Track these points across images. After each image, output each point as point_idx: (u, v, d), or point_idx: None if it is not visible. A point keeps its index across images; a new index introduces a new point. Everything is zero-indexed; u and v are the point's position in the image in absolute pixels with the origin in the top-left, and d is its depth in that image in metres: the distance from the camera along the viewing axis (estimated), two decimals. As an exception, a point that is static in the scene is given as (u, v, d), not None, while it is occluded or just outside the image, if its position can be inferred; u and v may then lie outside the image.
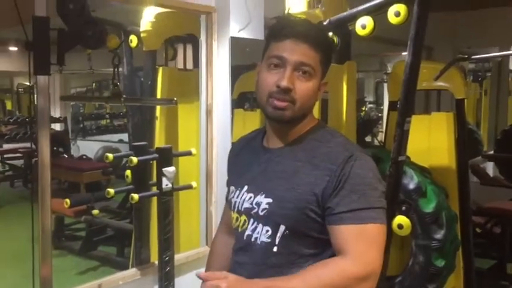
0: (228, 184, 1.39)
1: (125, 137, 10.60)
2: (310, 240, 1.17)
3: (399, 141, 2.34)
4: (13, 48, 8.69)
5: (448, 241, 2.75)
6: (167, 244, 2.55)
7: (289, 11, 1.22)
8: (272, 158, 1.25)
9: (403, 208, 2.40)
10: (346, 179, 1.13)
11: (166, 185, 2.52)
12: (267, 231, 1.18)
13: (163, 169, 2.50)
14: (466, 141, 3.07)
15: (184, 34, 3.35)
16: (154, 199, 2.72)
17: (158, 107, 3.17)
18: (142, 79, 3.66)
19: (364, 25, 2.38)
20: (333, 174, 1.13)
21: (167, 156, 2.55)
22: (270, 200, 1.18)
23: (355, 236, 1.10)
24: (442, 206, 2.77)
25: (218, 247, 1.49)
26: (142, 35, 3.16)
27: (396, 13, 2.24)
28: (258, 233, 1.20)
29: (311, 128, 1.25)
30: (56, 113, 11.09)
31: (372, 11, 2.38)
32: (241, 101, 3.21)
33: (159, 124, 3.16)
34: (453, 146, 3.04)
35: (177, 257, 2.57)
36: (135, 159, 2.45)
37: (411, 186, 2.75)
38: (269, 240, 1.18)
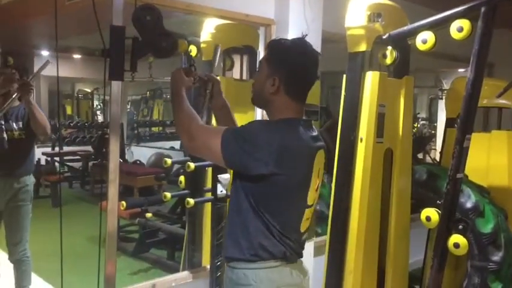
0: None
1: (176, 144, 10.84)
2: None
3: (458, 159, 2.29)
4: (76, 56, 9.15)
5: (506, 264, 2.65)
6: (219, 249, 2.60)
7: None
8: None
9: (460, 227, 2.33)
10: None
11: (221, 191, 2.58)
12: None
13: (219, 176, 2.57)
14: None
15: (241, 45, 3.43)
16: (208, 205, 2.79)
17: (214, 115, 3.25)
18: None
19: (425, 40, 2.36)
20: None
21: (223, 164, 2.62)
22: None
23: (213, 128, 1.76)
24: (501, 227, 2.68)
25: None
26: (202, 45, 3.26)
27: (459, 28, 2.21)
28: None
29: (276, 120, 1.59)
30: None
31: (434, 26, 2.36)
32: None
33: (214, 132, 3.23)
34: (514, 166, 2.94)
35: (228, 262, 2.61)
36: (192, 165, 2.52)
37: (468, 205, 2.69)
38: None
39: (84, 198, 7.07)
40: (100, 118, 13.34)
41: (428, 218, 2.39)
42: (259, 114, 3.01)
